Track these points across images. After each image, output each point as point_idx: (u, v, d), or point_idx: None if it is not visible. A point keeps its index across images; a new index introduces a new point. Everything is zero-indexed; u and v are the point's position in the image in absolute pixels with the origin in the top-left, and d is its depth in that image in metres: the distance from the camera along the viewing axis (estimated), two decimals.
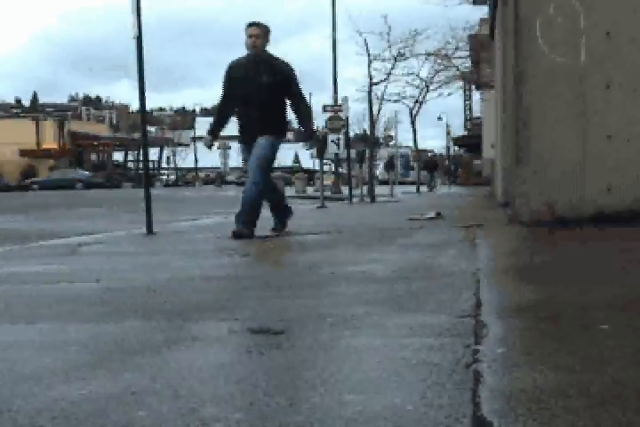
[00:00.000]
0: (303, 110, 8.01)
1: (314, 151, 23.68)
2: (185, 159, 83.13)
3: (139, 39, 8.57)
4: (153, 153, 74.43)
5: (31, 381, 2.29)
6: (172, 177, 77.77)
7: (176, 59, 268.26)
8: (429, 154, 62.31)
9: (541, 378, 2.12)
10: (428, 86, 34.85)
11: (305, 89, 8.15)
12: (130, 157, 75.32)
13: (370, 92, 27.46)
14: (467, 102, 56.64)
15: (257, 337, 2.85)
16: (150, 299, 3.87)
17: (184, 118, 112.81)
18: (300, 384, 2.16)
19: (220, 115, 8.27)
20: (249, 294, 3.90)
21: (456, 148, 67.70)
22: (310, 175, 49.78)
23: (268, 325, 3.04)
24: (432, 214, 9.97)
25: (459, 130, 64.09)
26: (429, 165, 44.41)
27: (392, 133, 48.20)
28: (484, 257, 5.29)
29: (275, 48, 9.32)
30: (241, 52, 8.09)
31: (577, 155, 7.40)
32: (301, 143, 9.64)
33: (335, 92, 27.90)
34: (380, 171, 51.70)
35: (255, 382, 2.19)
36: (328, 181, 31.01)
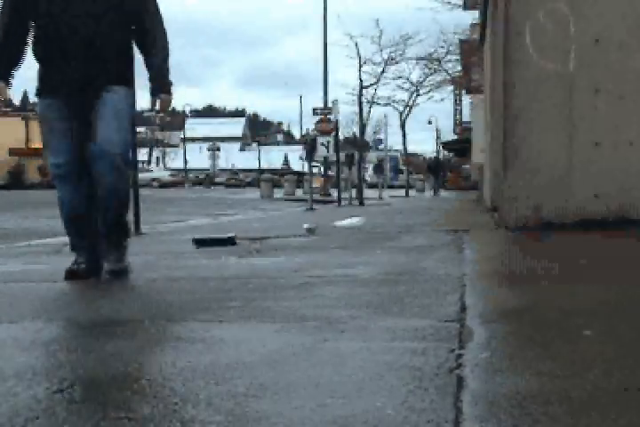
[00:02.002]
0: (159, 43, 4.76)
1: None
2: (174, 160, 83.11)
3: None
4: (143, 153, 74.47)
5: (12, 379, 2.28)
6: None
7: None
8: (430, 157, 61.58)
9: (524, 384, 2.12)
10: (418, 90, 34.99)
11: (300, 91, 7.33)
12: None
13: (360, 96, 27.55)
14: (457, 107, 56.67)
15: None
16: (135, 299, 3.86)
17: (174, 119, 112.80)
18: (281, 387, 2.15)
19: (3, 47, 4.66)
20: (232, 295, 3.89)
21: (445, 152, 67.74)
22: (299, 177, 49.75)
23: None
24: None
25: (448, 134, 64.11)
26: (433, 166, 42.94)
27: (381, 137, 48.06)
28: (469, 261, 5.29)
29: (271, 48, 9.01)
30: (236, 50, 7.55)
31: (564, 161, 7.42)
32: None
33: (325, 94, 27.97)
34: (369, 174, 51.61)
35: (235, 384, 2.19)
36: (317, 183, 31.03)
